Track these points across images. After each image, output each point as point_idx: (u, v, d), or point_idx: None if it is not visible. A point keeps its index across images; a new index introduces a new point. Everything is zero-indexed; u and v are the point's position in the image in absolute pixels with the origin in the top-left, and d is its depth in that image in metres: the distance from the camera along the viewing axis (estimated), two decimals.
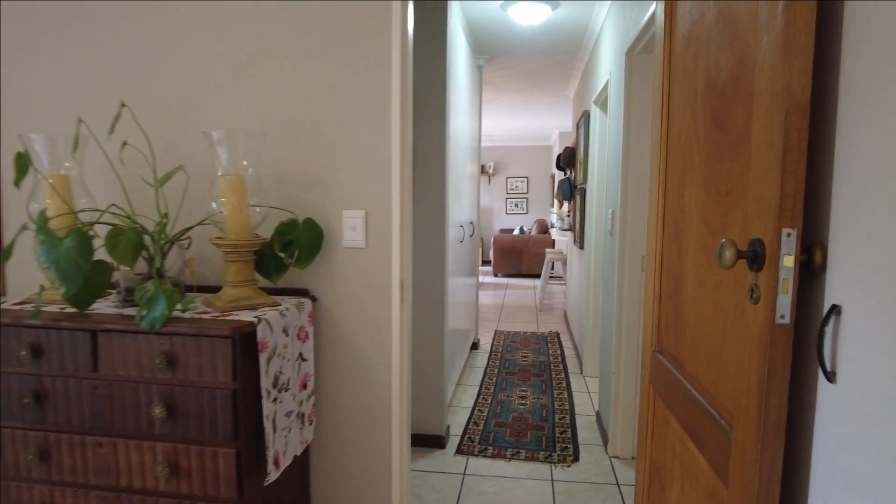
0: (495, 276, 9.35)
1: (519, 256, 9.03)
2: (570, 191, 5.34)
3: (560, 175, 7.42)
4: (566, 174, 5.67)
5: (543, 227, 9.92)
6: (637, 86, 2.51)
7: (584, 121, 4.32)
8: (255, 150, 1.54)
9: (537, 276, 9.00)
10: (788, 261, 0.79)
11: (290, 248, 1.58)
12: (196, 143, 1.73)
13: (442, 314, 2.80)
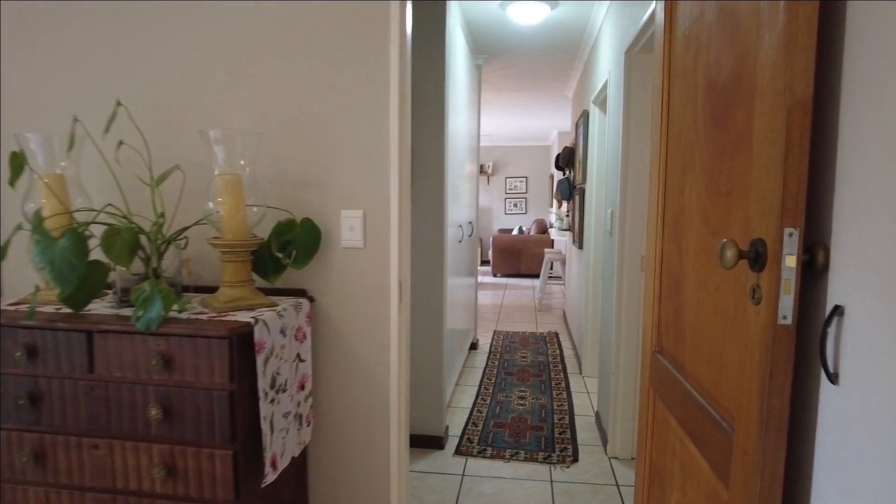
0: (494, 276, 9.34)
1: (518, 256, 9.03)
2: (569, 191, 5.33)
3: (559, 175, 7.42)
4: (565, 174, 5.67)
5: (542, 227, 9.91)
6: (636, 85, 2.51)
7: (583, 120, 4.31)
8: (253, 149, 1.53)
9: (536, 276, 8.99)
10: (790, 261, 0.78)
11: (288, 248, 1.57)
12: (193, 142, 1.72)
13: (441, 314, 2.79)
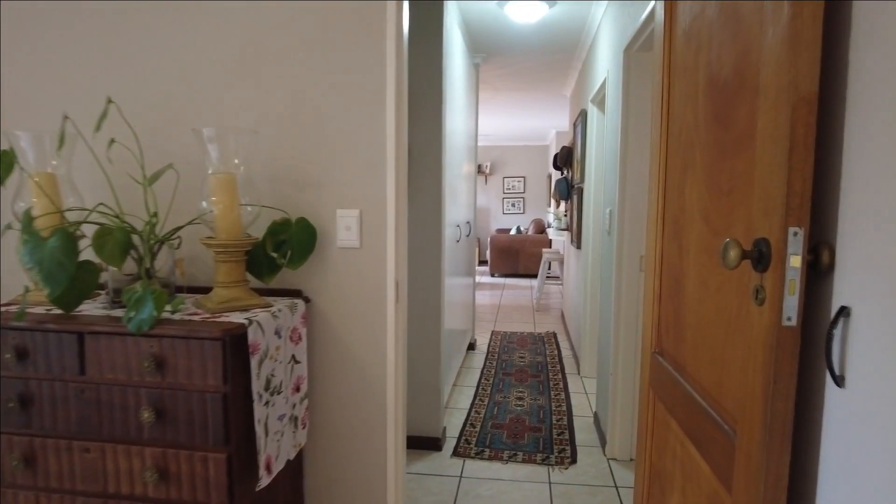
0: (492, 276, 9.32)
1: (516, 256, 9.01)
2: (567, 190, 5.32)
3: (557, 175, 7.41)
4: (563, 174, 5.65)
5: (540, 227, 9.90)
6: (635, 84, 2.49)
7: (581, 120, 4.30)
8: (247, 148, 1.51)
9: (534, 276, 8.97)
10: (795, 261, 0.76)
11: (283, 248, 1.55)
12: (187, 140, 1.69)
13: (438, 314, 2.78)
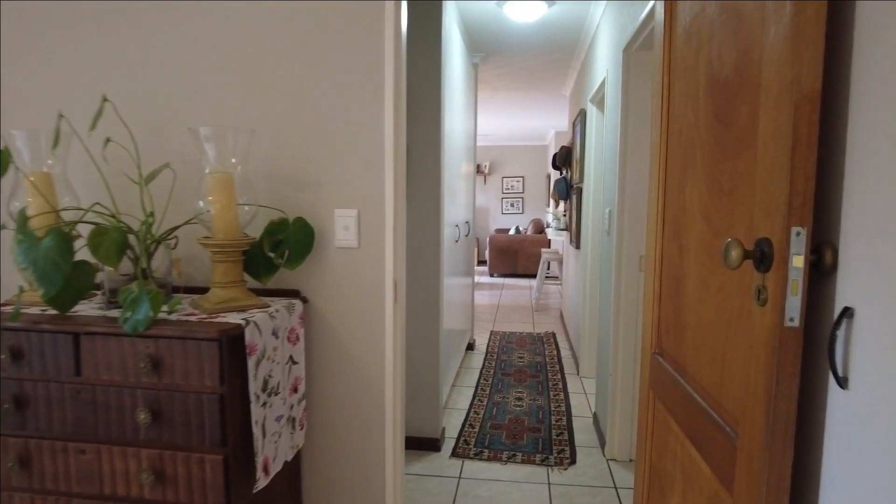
0: (491, 276, 9.31)
1: (515, 256, 9.00)
2: (567, 190, 5.31)
3: (556, 174, 7.40)
4: (562, 173, 5.64)
5: (539, 227, 9.89)
6: (635, 83, 2.48)
7: (580, 119, 4.29)
8: (244, 147, 1.50)
9: (533, 276, 8.96)
10: (798, 261, 0.75)
11: (280, 247, 1.54)
12: (184, 139, 1.68)
13: (437, 315, 2.77)
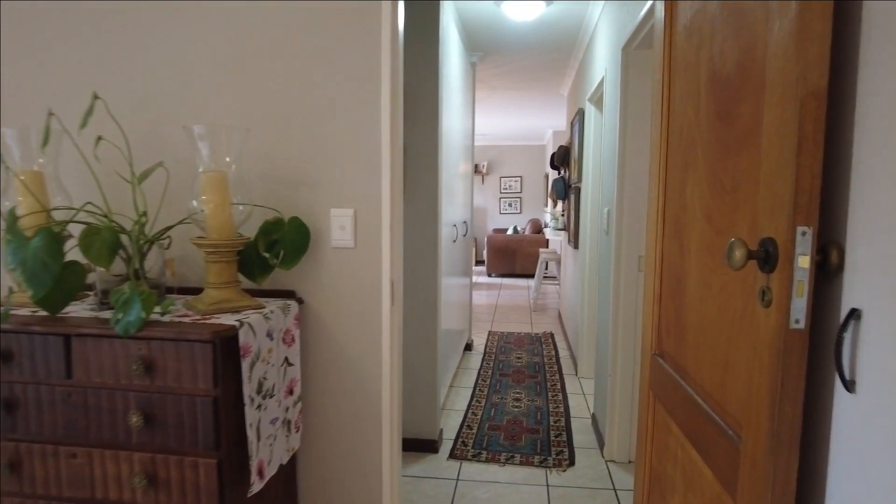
0: (489, 276, 9.30)
1: (513, 256, 8.99)
2: (565, 190, 5.29)
3: (554, 174, 7.38)
4: (560, 173, 5.63)
5: (537, 227, 9.88)
6: (634, 82, 2.46)
7: (578, 119, 4.27)
8: (239, 145, 1.48)
9: (531, 276, 8.95)
10: (803, 261, 0.73)
11: (276, 247, 1.52)
12: (179, 138, 1.66)
13: (435, 315, 2.75)
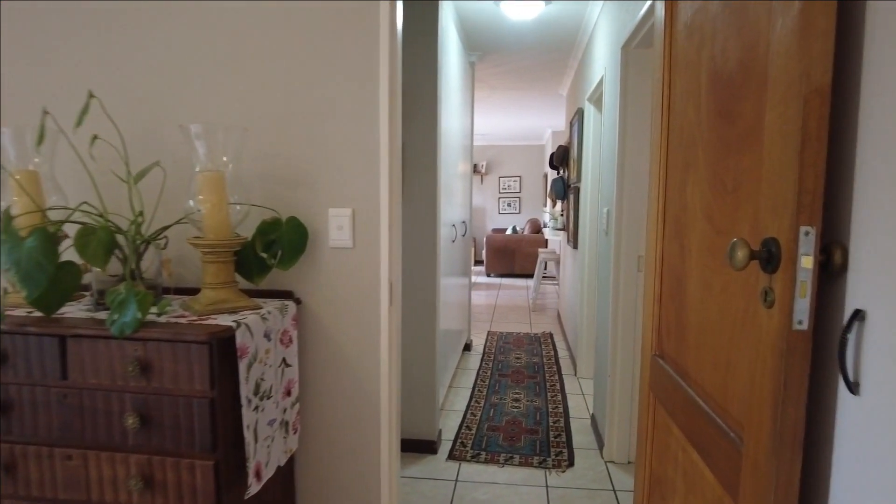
0: (488, 276, 9.29)
1: (512, 256, 8.98)
2: (564, 190, 5.29)
3: (553, 174, 7.37)
4: (559, 173, 5.62)
5: (536, 227, 9.87)
6: (633, 81, 2.46)
7: (577, 118, 4.26)
8: (236, 145, 1.47)
9: (530, 276, 8.94)
10: (807, 262, 0.72)
11: (273, 248, 1.51)
12: (175, 138, 1.65)
13: (433, 315, 2.74)
